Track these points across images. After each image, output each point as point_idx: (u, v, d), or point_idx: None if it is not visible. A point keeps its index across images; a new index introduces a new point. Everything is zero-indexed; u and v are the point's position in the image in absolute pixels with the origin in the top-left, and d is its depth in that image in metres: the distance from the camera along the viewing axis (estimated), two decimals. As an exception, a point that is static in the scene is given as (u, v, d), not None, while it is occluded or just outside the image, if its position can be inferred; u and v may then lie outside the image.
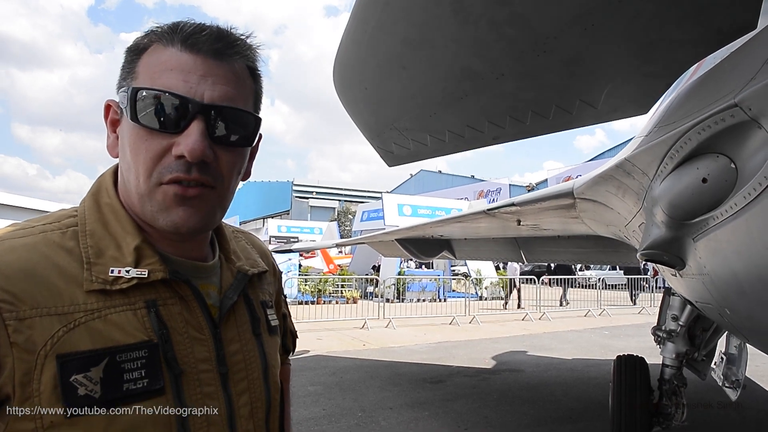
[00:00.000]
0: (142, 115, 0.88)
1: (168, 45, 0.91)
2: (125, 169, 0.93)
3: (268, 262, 1.24)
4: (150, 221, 0.93)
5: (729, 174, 1.97)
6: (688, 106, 2.13)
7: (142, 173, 0.89)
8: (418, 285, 21.21)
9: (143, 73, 0.91)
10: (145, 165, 0.89)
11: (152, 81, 0.89)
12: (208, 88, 0.90)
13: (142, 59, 0.92)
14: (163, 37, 0.92)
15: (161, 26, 0.94)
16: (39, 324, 0.81)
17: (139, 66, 0.92)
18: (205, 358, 0.94)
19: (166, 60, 0.90)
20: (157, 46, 0.92)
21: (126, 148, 0.92)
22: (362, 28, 2.96)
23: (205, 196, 0.92)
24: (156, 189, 0.90)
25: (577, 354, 10.69)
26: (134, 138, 0.90)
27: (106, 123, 0.97)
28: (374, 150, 4.02)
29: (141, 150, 0.89)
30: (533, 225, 6.32)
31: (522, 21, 2.56)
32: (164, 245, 0.97)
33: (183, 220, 0.91)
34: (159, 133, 0.89)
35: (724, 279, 2.33)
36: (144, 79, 0.90)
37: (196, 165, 0.89)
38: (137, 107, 0.88)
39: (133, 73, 0.92)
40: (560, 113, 3.09)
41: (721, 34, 2.51)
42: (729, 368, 4.70)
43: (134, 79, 0.91)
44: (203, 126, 0.89)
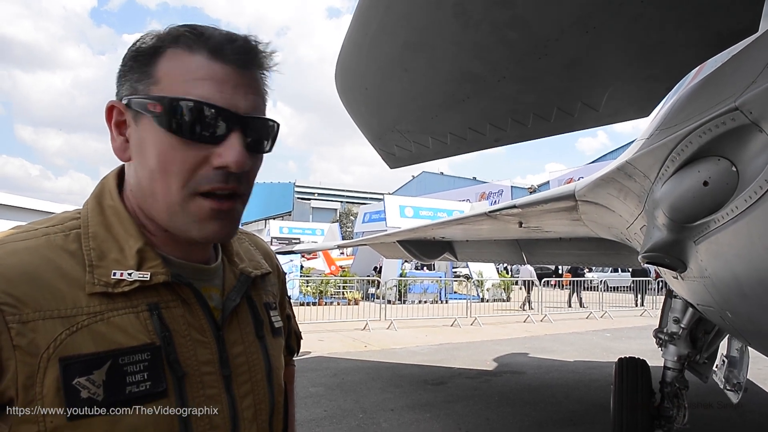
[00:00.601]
0: (180, 126, 0.87)
1: (193, 52, 0.89)
2: (146, 177, 0.91)
3: (271, 263, 1.24)
4: (181, 232, 0.93)
5: (730, 177, 1.97)
6: (689, 109, 2.13)
7: (176, 183, 0.89)
8: (419, 286, 21.22)
9: (167, 79, 0.89)
10: (180, 175, 0.89)
11: (184, 90, 0.88)
12: (241, 99, 0.90)
13: (161, 64, 0.90)
14: (183, 41, 0.90)
15: (177, 29, 0.92)
16: (42, 327, 0.81)
17: (158, 71, 0.90)
18: (207, 361, 0.95)
19: (195, 68, 0.89)
20: (177, 51, 0.90)
21: (150, 155, 0.89)
22: (364, 31, 2.97)
23: (235, 208, 0.94)
24: (190, 200, 0.90)
25: (579, 356, 10.69)
26: (166, 147, 0.88)
27: (109, 125, 0.94)
28: (376, 152, 4.03)
29: (175, 160, 0.88)
30: (535, 227, 6.31)
31: (523, 24, 2.56)
32: (167, 248, 0.97)
33: (216, 233, 0.94)
34: (195, 144, 0.88)
35: (726, 282, 2.33)
36: (171, 86, 0.88)
37: (233, 175, 0.90)
38: (175, 117, 0.87)
39: (152, 78, 0.90)
40: (562, 116, 3.10)
41: (721, 37, 2.51)
42: (730, 371, 4.70)
43: (155, 85, 0.89)
44: (242, 137, 0.90)
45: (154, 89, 0.89)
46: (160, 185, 0.90)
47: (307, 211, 76.25)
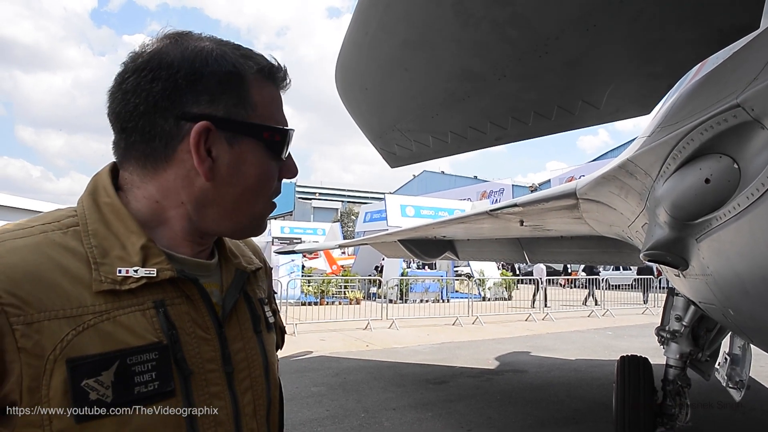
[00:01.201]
0: (281, 150, 1.00)
1: (268, 80, 1.00)
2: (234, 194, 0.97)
3: (260, 258, 1.24)
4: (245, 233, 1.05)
5: (732, 174, 1.96)
6: (690, 106, 2.13)
7: (265, 196, 1.02)
8: (421, 286, 21.22)
9: (262, 107, 0.98)
10: (270, 190, 1.02)
11: (274, 118, 1.00)
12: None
13: (253, 90, 0.97)
14: (263, 71, 0.99)
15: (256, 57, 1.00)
16: (47, 328, 0.79)
17: (253, 97, 0.96)
18: (211, 358, 0.94)
19: (274, 97, 1.01)
20: (259, 78, 0.98)
21: (247, 175, 0.97)
22: (364, 30, 2.96)
23: None
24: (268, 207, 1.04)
25: (581, 354, 10.68)
26: (266, 168, 0.99)
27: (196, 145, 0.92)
28: (377, 151, 4.02)
29: (269, 177, 1.00)
30: (536, 226, 6.31)
31: (523, 22, 2.55)
32: (171, 244, 0.97)
33: (263, 229, 1.06)
34: (277, 162, 1.01)
35: (728, 279, 2.32)
36: (264, 113, 0.98)
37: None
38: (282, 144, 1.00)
39: (249, 105, 0.96)
40: (562, 114, 3.09)
41: (722, 34, 2.50)
42: (733, 369, 4.70)
43: (253, 111, 0.96)
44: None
45: (254, 116, 0.97)
46: (251, 200, 0.99)
47: (308, 210, 76.27)
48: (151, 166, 0.94)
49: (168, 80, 0.90)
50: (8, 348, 0.77)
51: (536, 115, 3.13)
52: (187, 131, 0.91)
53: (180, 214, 0.96)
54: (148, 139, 0.92)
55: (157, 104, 0.90)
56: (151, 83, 0.90)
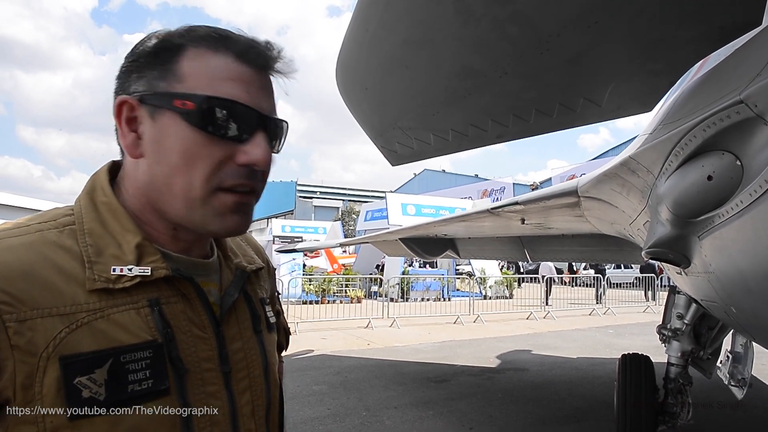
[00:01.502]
0: (212, 123, 0.88)
1: (217, 52, 0.91)
2: (163, 172, 0.91)
3: (262, 258, 1.24)
4: (197, 226, 0.94)
5: (734, 171, 1.95)
6: (692, 103, 2.12)
7: (200, 178, 0.90)
8: (422, 284, 21.21)
9: (194, 78, 0.89)
10: (205, 171, 0.89)
11: (212, 89, 0.89)
12: (264, 101, 0.94)
13: (184, 62, 0.90)
14: (207, 42, 0.91)
15: (199, 30, 0.93)
16: (41, 325, 0.79)
17: (182, 68, 0.90)
18: (208, 357, 0.94)
19: (222, 69, 0.91)
20: (200, 51, 0.91)
21: (170, 151, 0.90)
22: (364, 28, 2.95)
23: (251, 203, 0.97)
24: (213, 195, 0.91)
25: (582, 353, 10.67)
26: (189, 143, 0.89)
27: (119, 121, 0.93)
28: (378, 149, 4.02)
29: (200, 156, 0.89)
30: (537, 224, 6.30)
31: (524, 19, 2.54)
32: (166, 243, 0.97)
33: (236, 226, 0.95)
34: (222, 141, 0.90)
35: (730, 277, 2.32)
36: (197, 84, 0.89)
37: (256, 172, 0.93)
38: (207, 115, 0.88)
39: (176, 76, 0.90)
40: (564, 111, 3.08)
41: (724, 31, 2.49)
42: (735, 367, 4.69)
43: (179, 82, 0.89)
44: (266, 137, 0.93)
45: (178, 86, 0.89)
46: (181, 181, 0.90)
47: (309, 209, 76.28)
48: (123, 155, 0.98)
49: (122, 66, 0.96)
50: (2, 345, 0.77)
51: (537, 112, 3.13)
52: None
53: (145, 204, 0.96)
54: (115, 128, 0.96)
55: (115, 90, 0.95)
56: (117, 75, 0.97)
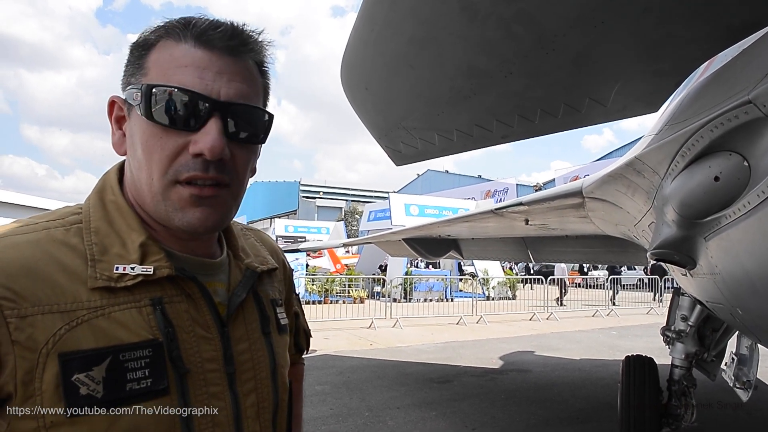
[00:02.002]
0: (157, 113, 0.86)
1: (180, 41, 0.90)
2: (135, 167, 0.92)
3: (278, 259, 1.22)
4: (164, 221, 0.92)
5: (742, 172, 1.94)
6: (699, 103, 2.11)
7: (156, 171, 0.88)
8: (425, 285, 21.20)
9: (154, 69, 0.89)
10: (160, 163, 0.88)
11: (166, 77, 0.88)
12: (224, 86, 0.89)
13: (152, 55, 0.90)
14: (173, 32, 0.90)
15: (170, 22, 0.92)
16: (41, 322, 0.80)
17: (148, 62, 0.90)
18: (211, 358, 0.93)
19: (179, 56, 0.89)
20: (167, 42, 0.90)
21: (137, 145, 0.90)
22: (369, 27, 2.94)
23: (220, 195, 0.92)
24: (170, 188, 0.89)
25: (585, 354, 10.65)
26: (147, 136, 0.88)
27: (110, 120, 0.96)
28: (382, 149, 4.01)
29: (155, 148, 0.88)
30: (541, 224, 6.29)
31: (530, 18, 2.53)
32: (171, 242, 0.96)
33: (200, 221, 0.91)
34: (174, 131, 0.87)
35: (737, 278, 2.30)
36: (156, 75, 0.89)
37: (213, 163, 0.88)
38: (151, 104, 0.86)
39: (143, 69, 0.90)
40: (569, 112, 3.06)
41: (731, 30, 2.47)
42: (740, 369, 4.67)
43: (144, 76, 0.90)
44: (221, 124, 0.88)
45: (142, 80, 0.89)
46: (145, 175, 0.89)
47: (312, 209, 76.26)
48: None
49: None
50: (2, 340, 0.78)
51: (543, 112, 3.11)
52: None
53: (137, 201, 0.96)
54: None
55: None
56: None
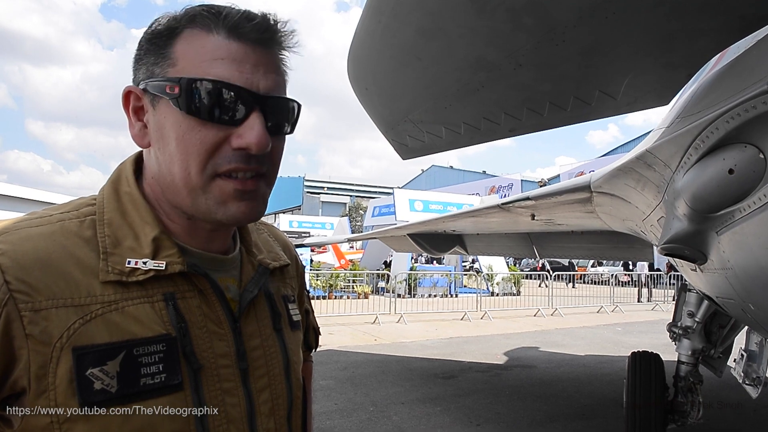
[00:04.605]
0: (199, 107, 0.84)
1: (210, 31, 0.87)
2: (165, 161, 0.88)
3: (290, 255, 1.21)
4: (204, 214, 0.90)
5: (757, 164, 1.90)
6: (714, 95, 2.07)
7: (195, 165, 0.86)
8: (429, 280, 21.20)
9: (184, 60, 0.86)
10: (199, 157, 0.86)
11: (202, 70, 0.85)
12: (261, 78, 0.88)
13: (178, 45, 0.87)
14: (200, 21, 0.87)
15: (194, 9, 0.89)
16: (55, 315, 0.79)
17: (175, 52, 0.87)
18: (224, 353, 0.92)
19: (213, 48, 0.86)
20: (194, 31, 0.87)
21: (169, 138, 0.87)
22: (377, 19, 2.91)
23: (260, 187, 0.91)
24: (211, 182, 0.88)
25: (590, 350, 10.63)
26: (184, 129, 0.86)
27: (126, 111, 0.92)
28: (388, 143, 3.98)
29: (193, 141, 0.86)
30: (547, 220, 6.25)
31: (540, 9, 2.50)
32: (186, 237, 0.95)
33: (243, 214, 0.91)
34: (214, 125, 0.86)
35: (750, 273, 2.26)
36: (188, 67, 0.86)
37: (255, 156, 0.87)
38: (193, 98, 0.84)
39: (169, 60, 0.87)
40: (579, 104, 3.03)
41: (745, 21, 2.44)
42: (749, 365, 4.62)
43: (172, 66, 0.86)
44: (262, 117, 0.87)
45: (171, 71, 0.86)
46: (180, 169, 0.87)
47: (316, 205, 76.39)
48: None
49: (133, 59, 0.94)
50: (16, 334, 0.77)
51: (552, 105, 3.08)
52: None
53: (160, 195, 0.94)
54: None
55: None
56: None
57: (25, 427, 0.78)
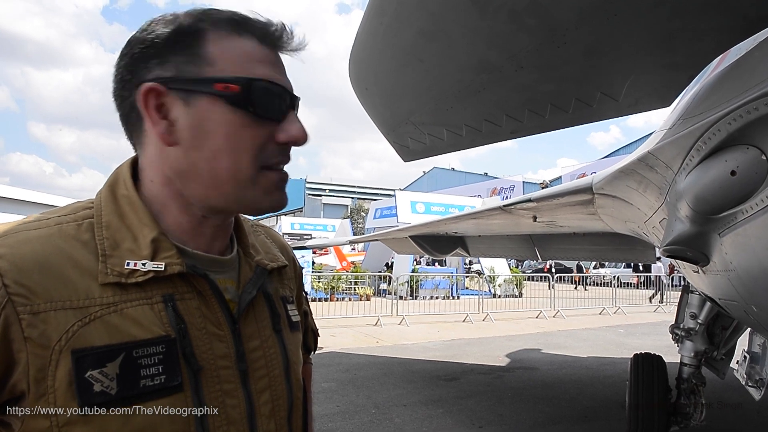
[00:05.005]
0: (255, 104, 0.90)
1: (242, 36, 0.92)
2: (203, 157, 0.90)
3: (288, 256, 1.21)
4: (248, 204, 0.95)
5: (759, 166, 1.90)
6: (716, 96, 2.06)
7: (247, 159, 0.91)
8: (431, 282, 21.19)
9: (224, 60, 0.90)
10: (252, 151, 0.91)
11: (246, 71, 0.90)
12: (287, 80, 0.97)
13: (209, 46, 0.90)
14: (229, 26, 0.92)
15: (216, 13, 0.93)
16: (54, 318, 0.79)
17: (209, 53, 0.90)
18: (224, 355, 0.92)
19: (251, 51, 0.93)
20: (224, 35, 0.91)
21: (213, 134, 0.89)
22: (378, 20, 2.91)
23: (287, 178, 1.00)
24: (260, 174, 0.93)
25: (593, 352, 10.61)
26: (236, 126, 0.90)
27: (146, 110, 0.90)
28: (390, 145, 3.98)
29: (245, 137, 0.91)
30: (549, 222, 6.25)
31: (542, 11, 2.49)
32: (186, 237, 0.95)
33: (282, 201, 0.98)
34: (263, 121, 0.92)
35: (753, 275, 2.26)
36: (231, 67, 0.90)
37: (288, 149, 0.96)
38: (252, 97, 0.90)
39: (203, 59, 0.89)
40: (580, 106, 3.02)
41: (747, 22, 2.43)
42: (752, 367, 4.61)
43: (209, 66, 0.89)
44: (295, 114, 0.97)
45: (209, 70, 0.89)
46: (227, 164, 0.91)
47: (318, 207, 76.40)
48: (140, 145, 0.96)
49: (128, 54, 0.92)
50: (15, 337, 0.77)
51: (553, 107, 3.07)
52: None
53: (173, 193, 0.94)
54: (127, 118, 0.94)
55: (123, 80, 0.92)
56: (120, 62, 0.93)
57: (24, 430, 0.78)
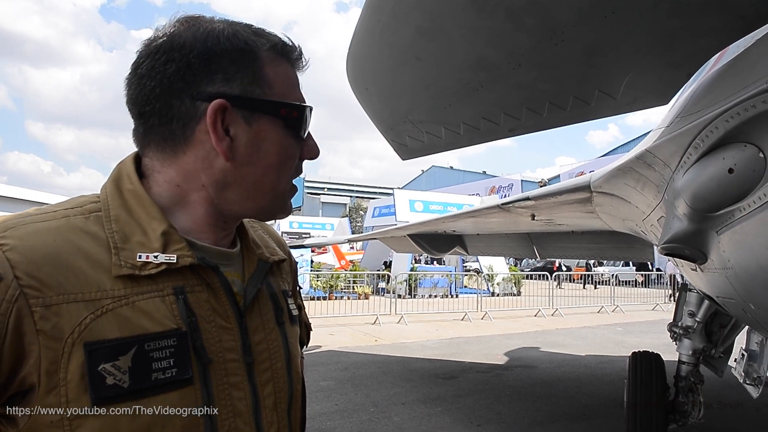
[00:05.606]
0: (302, 128, 1.00)
1: (283, 59, 0.99)
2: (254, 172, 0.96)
3: (284, 251, 1.23)
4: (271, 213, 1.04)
5: (757, 164, 1.90)
6: (713, 94, 2.06)
7: (286, 174, 1.00)
8: (429, 281, 21.19)
9: (279, 85, 0.97)
10: (291, 168, 1.01)
11: (292, 96, 0.99)
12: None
13: (266, 68, 0.96)
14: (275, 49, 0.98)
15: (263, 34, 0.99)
16: (66, 311, 0.78)
17: (268, 76, 0.96)
18: (231, 348, 0.93)
19: (291, 76, 1.01)
20: (272, 57, 0.97)
21: (268, 153, 0.96)
22: (376, 18, 2.91)
23: None
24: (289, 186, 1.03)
25: (591, 350, 10.63)
26: (286, 146, 0.98)
27: (213, 127, 0.91)
28: (388, 143, 3.98)
29: (290, 155, 0.99)
30: (547, 220, 6.25)
31: (540, 9, 2.49)
32: (193, 230, 0.96)
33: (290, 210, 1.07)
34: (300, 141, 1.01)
35: (750, 273, 2.26)
36: (283, 91, 0.98)
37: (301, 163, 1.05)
38: (302, 121, 0.99)
39: (264, 82, 0.95)
40: (578, 104, 3.02)
41: (745, 20, 2.43)
42: (750, 365, 4.62)
43: (269, 89, 0.95)
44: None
45: (269, 93, 0.95)
46: (273, 178, 0.98)
47: (316, 205, 76.39)
48: (170, 150, 0.94)
49: (181, 61, 0.90)
50: (27, 330, 0.77)
51: (551, 105, 3.07)
52: (204, 111, 0.91)
53: (202, 198, 0.96)
54: (165, 122, 0.92)
55: (172, 86, 0.90)
56: (165, 65, 0.90)
57: (32, 425, 0.78)
